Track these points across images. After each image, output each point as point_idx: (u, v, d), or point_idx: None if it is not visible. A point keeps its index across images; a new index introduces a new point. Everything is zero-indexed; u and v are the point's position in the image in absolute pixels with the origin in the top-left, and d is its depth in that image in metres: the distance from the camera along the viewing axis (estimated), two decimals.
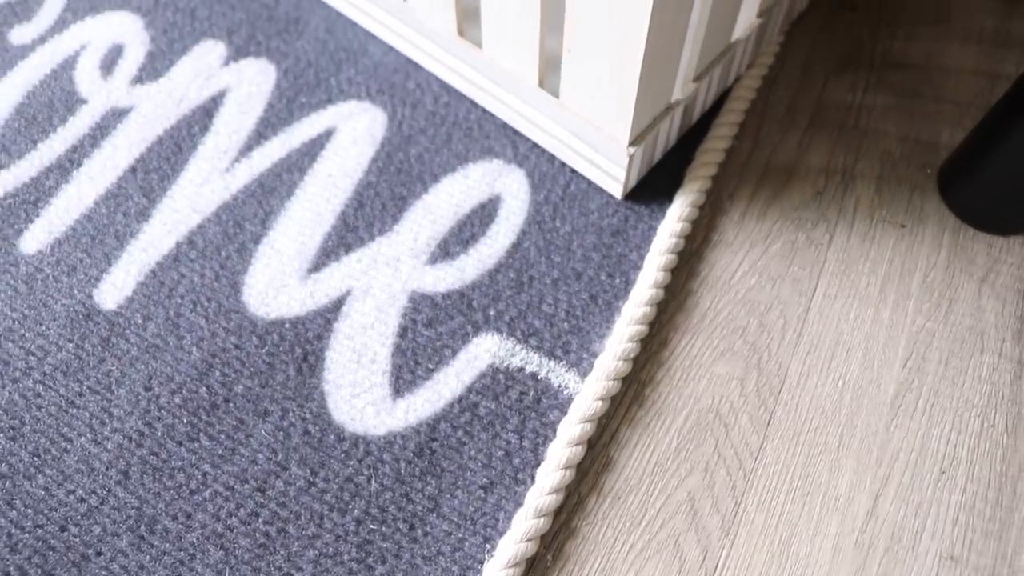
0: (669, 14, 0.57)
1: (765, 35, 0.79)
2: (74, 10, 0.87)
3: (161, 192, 0.74)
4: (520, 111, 0.73)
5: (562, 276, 0.69)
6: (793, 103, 0.81)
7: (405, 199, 0.73)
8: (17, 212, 0.73)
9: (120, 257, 0.71)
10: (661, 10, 0.55)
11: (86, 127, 0.78)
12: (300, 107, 0.78)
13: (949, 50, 0.86)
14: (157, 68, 0.82)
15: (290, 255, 0.70)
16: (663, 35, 0.58)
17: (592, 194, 0.73)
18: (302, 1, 0.86)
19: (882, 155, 0.78)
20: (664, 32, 0.58)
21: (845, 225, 0.74)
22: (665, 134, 0.71)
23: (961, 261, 0.72)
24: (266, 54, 0.82)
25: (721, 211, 0.74)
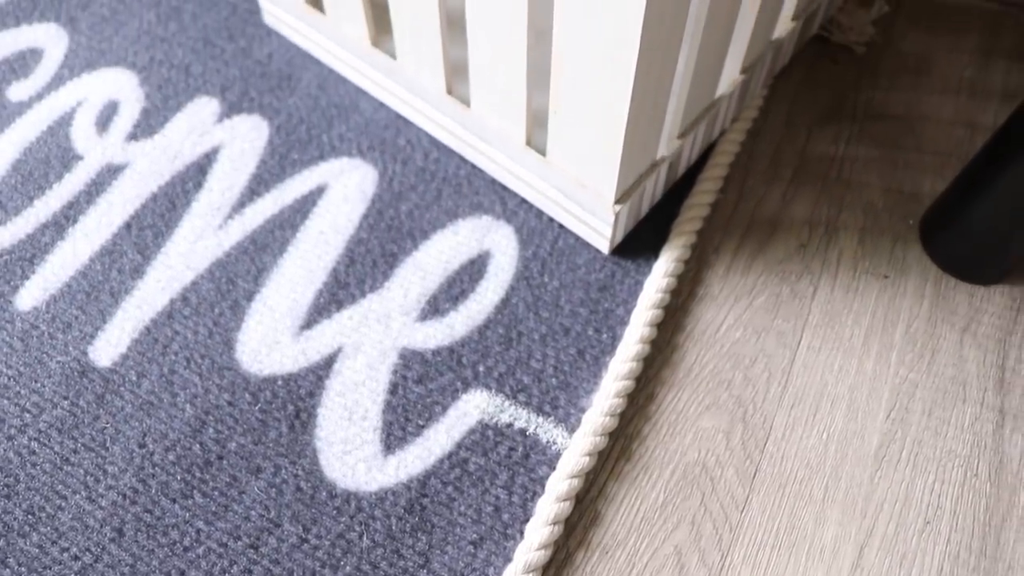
0: (653, 75, 0.58)
1: (749, 90, 0.80)
2: (71, 67, 0.88)
3: (155, 248, 0.75)
4: (508, 168, 0.74)
5: (550, 332, 0.70)
6: (777, 155, 0.82)
7: (395, 256, 0.74)
8: (13, 269, 0.74)
9: (115, 314, 0.72)
10: (645, 72, 0.57)
11: (82, 183, 0.79)
12: (292, 164, 0.80)
13: (929, 101, 0.88)
14: (152, 124, 0.83)
15: (282, 312, 0.71)
16: (647, 95, 0.60)
17: (580, 249, 0.74)
18: (294, 58, 0.88)
19: (865, 206, 0.79)
20: (648, 93, 0.60)
21: (829, 277, 0.75)
22: (651, 190, 0.72)
23: (943, 311, 0.74)
24: (259, 110, 0.84)
25: (707, 264, 0.75)
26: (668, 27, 0.56)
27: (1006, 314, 0.74)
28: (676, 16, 0.56)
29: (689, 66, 0.66)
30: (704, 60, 0.67)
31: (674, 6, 0.54)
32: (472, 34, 0.65)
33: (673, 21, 0.56)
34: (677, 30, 0.58)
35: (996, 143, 0.68)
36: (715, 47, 0.67)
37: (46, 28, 0.92)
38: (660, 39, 0.56)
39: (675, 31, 0.58)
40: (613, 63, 0.56)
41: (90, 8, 0.93)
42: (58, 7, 0.94)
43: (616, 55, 0.55)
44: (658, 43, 0.56)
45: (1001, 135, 0.67)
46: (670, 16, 0.55)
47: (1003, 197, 0.68)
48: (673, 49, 0.60)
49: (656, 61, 0.57)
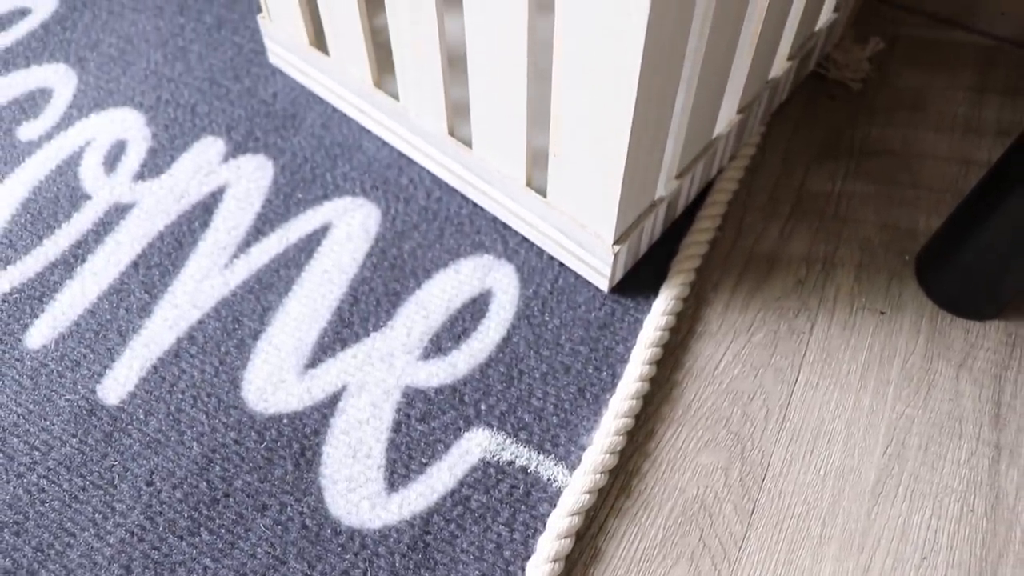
0: (651, 117, 0.60)
1: (746, 128, 0.82)
2: (79, 107, 0.90)
3: (162, 288, 0.76)
4: (509, 207, 0.75)
5: (551, 370, 0.71)
6: (775, 192, 0.84)
7: (399, 294, 0.75)
8: (23, 307, 0.76)
9: (123, 352, 0.73)
10: (643, 114, 0.58)
11: (90, 223, 0.81)
12: (297, 203, 0.81)
13: (925, 137, 0.89)
14: (159, 164, 0.84)
15: (288, 351, 0.72)
16: (645, 137, 0.61)
17: (580, 288, 0.75)
18: (298, 97, 0.89)
19: (861, 242, 0.81)
20: (646, 134, 0.61)
21: (826, 313, 0.76)
22: (650, 229, 0.74)
23: (939, 347, 0.75)
24: (264, 150, 0.85)
25: (705, 302, 0.76)
26: (665, 69, 0.57)
27: (1001, 349, 0.75)
28: (673, 58, 0.57)
29: (687, 107, 0.67)
30: (701, 101, 0.68)
31: (671, 49, 0.56)
32: (473, 76, 0.67)
33: (670, 63, 0.57)
34: (674, 72, 0.59)
35: (990, 181, 0.69)
36: (712, 88, 0.68)
37: (55, 68, 0.94)
38: (658, 81, 0.57)
39: (672, 73, 0.59)
40: (611, 106, 0.57)
41: (99, 48, 0.95)
42: (67, 48, 0.95)
43: (614, 98, 0.56)
44: (656, 85, 0.57)
45: (995, 173, 0.68)
46: (667, 58, 0.56)
47: (997, 234, 0.69)
48: (671, 91, 0.61)
49: (654, 103, 0.59)
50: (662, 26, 0.52)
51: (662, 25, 0.51)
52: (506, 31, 0.59)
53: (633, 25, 0.50)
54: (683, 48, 0.58)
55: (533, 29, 0.59)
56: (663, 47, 0.54)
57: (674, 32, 0.54)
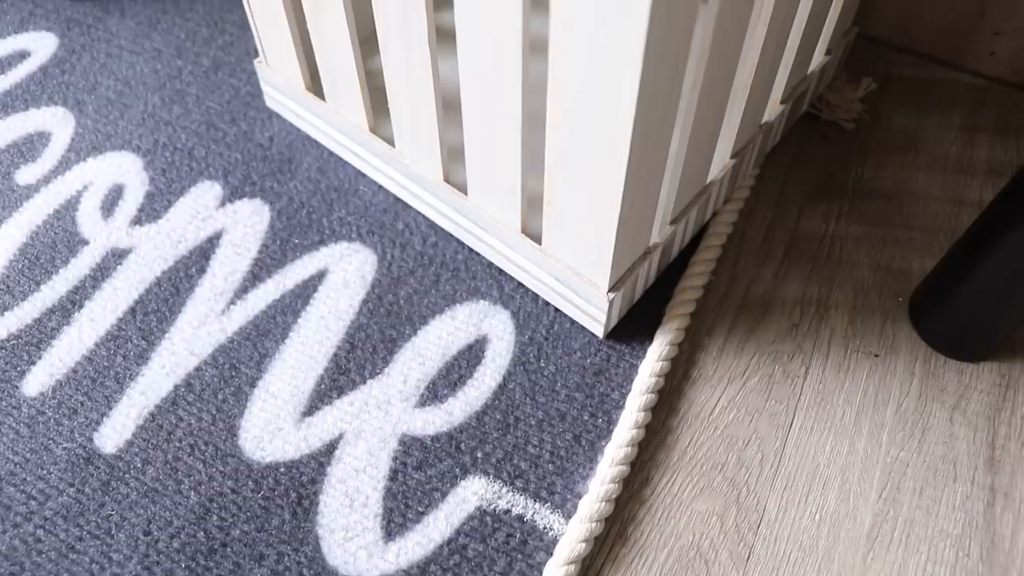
0: (645, 165, 0.60)
1: (740, 172, 0.82)
2: (77, 150, 0.90)
3: (160, 334, 0.77)
4: (504, 253, 0.76)
5: (547, 417, 0.71)
6: (769, 234, 0.84)
7: (395, 341, 0.75)
8: (20, 354, 0.76)
9: (120, 400, 0.73)
10: (637, 161, 0.58)
11: (87, 268, 0.81)
12: (293, 248, 0.81)
13: (917, 177, 0.90)
14: (156, 209, 0.85)
15: (284, 398, 0.72)
16: (639, 185, 0.62)
17: (575, 333, 0.75)
18: (295, 141, 0.90)
19: (855, 285, 0.81)
20: (640, 182, 0.61)
21: (820, 357, 0.76)
22: (644, 275, 0.74)
23: (933, 389, 0.75)
24: (260, 195, 0.86)
25: (700, 346, 0.77)
26: (660, 115, 0.58)
27: (995, 391, 0.75)
28: (668, 104, 0.58)
29: (680, 154, 0.68)
30: (695, 147, 0.68)
31: (666, 95, 0.56)
32: (467, 120, 0.67)
33: (665, 109, 0.58)
34: (669, 118, 0.60)
35: (981, 225, 0.69)
36: (706, 134, 0.69)
37: (54, 111, 0.94)
38: (652, 127, 0.57)
39: (667, 119, 0.59)
40: (606, 152, 0.57)
41: (97, 91, 0.96)
42: (65, 91, 0.96)
43: (608, 144, 0.57)
44: (650, 131, 0.57)
45: (986, 217, 0.69)
46: (662, 104, 0.57)
47: (990, 277, 0.69)
48: (665, 137, 0.61)
49: (648, 149, 0.59)
50: (657, 72, 0.52)
51: (657, 71, 0.52)
52: (500, 74, 0.60)
53: (628, 70, 0.50)
54: (678, 94, 0.58)
55: (527, 72, 0.59)
56: (658, 93, 0.54)
57: (669, 78, 0.55)
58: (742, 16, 0.61)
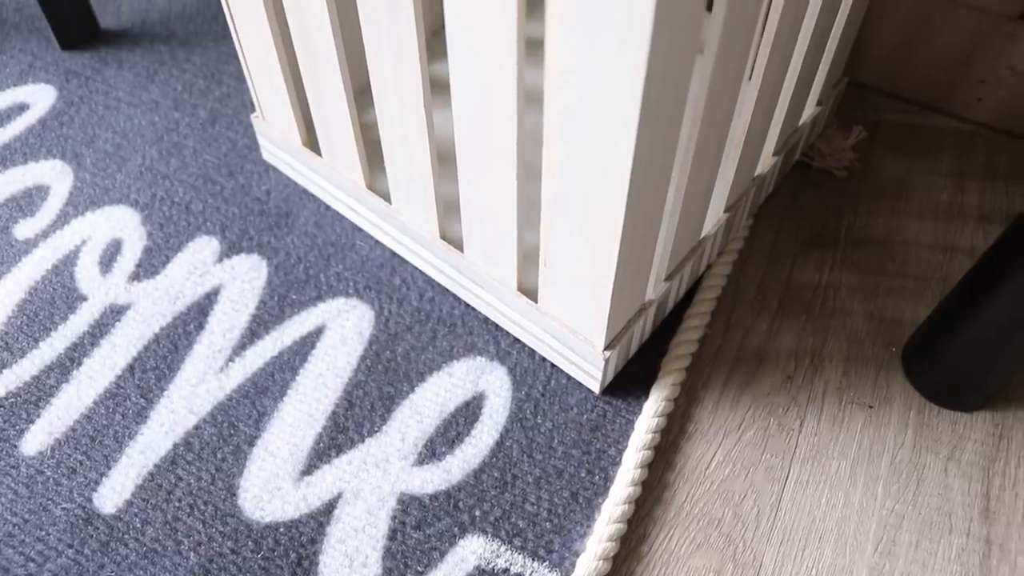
0: (640, 226, 0.61)
1: (734, 224, 0.83)
2: (75, 204, 0.91)
3: (158, 392, 0.77)
4: (501, 310, 0.77)
5: (544, 474, 0.72)
6: (763, 285, 0.85)
7: (393, 398, 0.76)
8: (19, 412, 0.76)
9: (119, 459, 0.73)
10: (633, 223, 0.59)
11: (86, 325, 0.82)
12: (291, 304, 0.82)
13: (908, 225, 0.91)
14: (154, 265, 0.85)
15: (283, 457, 0.73)
16: (635, 246, 0.62)
17: (571, 389, 0.76)
18: (291, 195, 0.91)
19: (849, 335, 0.82)
20: (636, 243, 0.62)
21: (815, 409, 0.77)
22: (640, 331, 0.75)
23: (927, 440, 0.75)
24: (258, 250, 0.86)
25: (696, 400, 0.77)
26: (656, 174, 0.58)
27: (989, 440, 0.75)
28: (663, 163, 0.58)
29: (676, 211, 0.68)
30: (690, 203, 0.69)
31: (662, 152, 0.57)
32: (463, 177, 0.68)
33: (661, 166, 0.58)
34: (664, 176, 0.60)
35: (974, 275, 0.70)
36: (701, 190, 0.70)
37: (52, 165, 0.95)
38: (648, 187, 0.58)
39: (662, 178, 0.60)
40: (602, 215, 0.58)
41: (95, 144, 0.96)
42: (64, 144, 0.97)
43: (604, 206, 0.57)
44: (646, 191, 0.58)
45: (979, 268, 0.70)
46: (658, 163, 0.57)
47: (982, 328, 0.70)
48: (661, 196, 0.62)
49: (644, 209, 0.60)
50: (654, 126, 0.52)
51: (654, 125, 0.52)
52: (494, 126, 0.60)
53: (625, 125, 0.51)
54: (673, 150, 0.59)
55: (522, 124, 0.59)
56: (654, 148, 0.55)
57: (665, 133, 0.55)
58: (737, 68, 0.62)
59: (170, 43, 1.09)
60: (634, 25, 0.45)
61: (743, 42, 0.60)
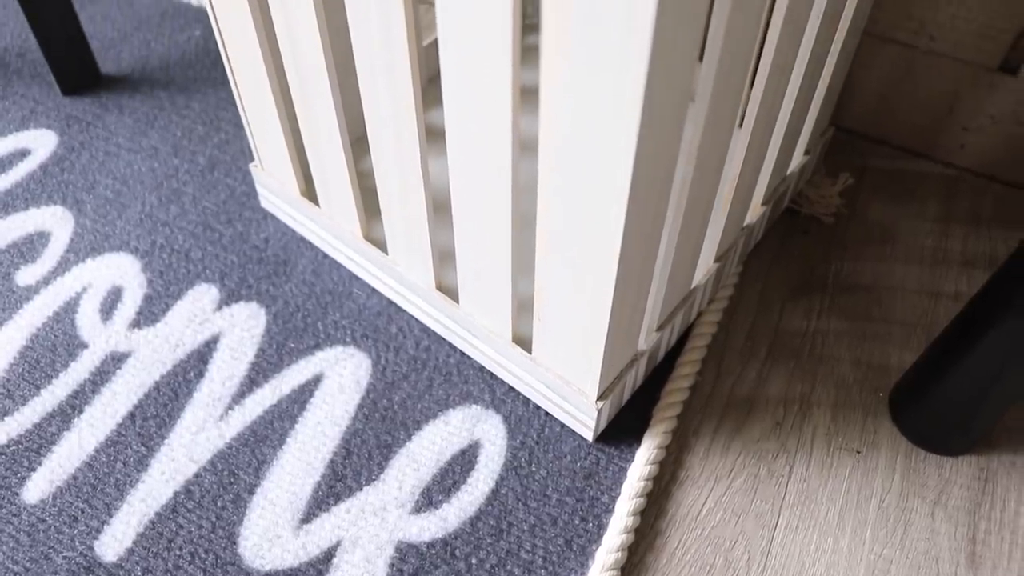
0: (632, 279, 0.62)
1: (723, 273, 0.85)
2: (76, 251, 0.92)
3: (159, 440, 0.78)
4: (496, 360, 0.78)
5: (539, 522, 0.73)
6: (753, 332, 0.87)
7: (390, 447, 0.77)
8: (20, 460, 0.77)
9: (120, 507, 0.74)
10: (624, 282, 0.60)
11: (87, 372, 0.83)
12: (289, 353, 0.83)
13: (894, 270, 0.92)
14: (154, 312, 0.87)
15: (283, 506, 0.74)
16: (627, 300, 0.64)
17: (565, 437, 0.77)
18: (289, 242, 0.92)
19: (837, 381, 0.83)
20: (628, 296, 0.64)
21: (804, 455, 0.78)
22: (632, 380, 0.76)
23: (914, 484, 0.77)
24: (256, 298, 0.88)
25: (687, 447, 0.79)
26: (648, 229, 0.59)
27: (974, 484, 0.77)
28: (656, 213, 0.59)
29: (667, 263, 0.70)
30: (681, 255, 0.71)
31: (654, 204, 0.58)
32: (458, 226, 0.69)
33: (653, 221, 0.60)
34: (656, 230, 0.62)
35: (959, 323, 0.72)
36: (691, 241, 0.71)
37: (53, 211, 0.96)
38: (640, 242, 0.59)
39: (654, 232, 0.61)
40: (594, 269, 0.59)
41: (95, 190, 0.98)
42: (65, 189, 0.98)
43: (597, 263, 0.59)
44: (637, 247, 0.59)
45: (964, 316, 0.71)
46: (650, 216, 0.58)
47: (967, 374, 0.71)
48: (652, 248, 0.63)
49: (636, 265, 0.61)
50: (645, 178, 0.53)
51: (645, 177, 0.53)
52: (489, 173, 0.61)
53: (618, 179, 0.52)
54: (666, 201, 0.60)
55: (517, 172, 0.60)
56: (646, 200, 0.56)
57: (657, 185, 0.56)
58: (727, 117, 0.63)
59: (169, 89, 1.11)
60: (628, 73, 0.46)
61: (733, 91, 0.61)
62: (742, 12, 0.53)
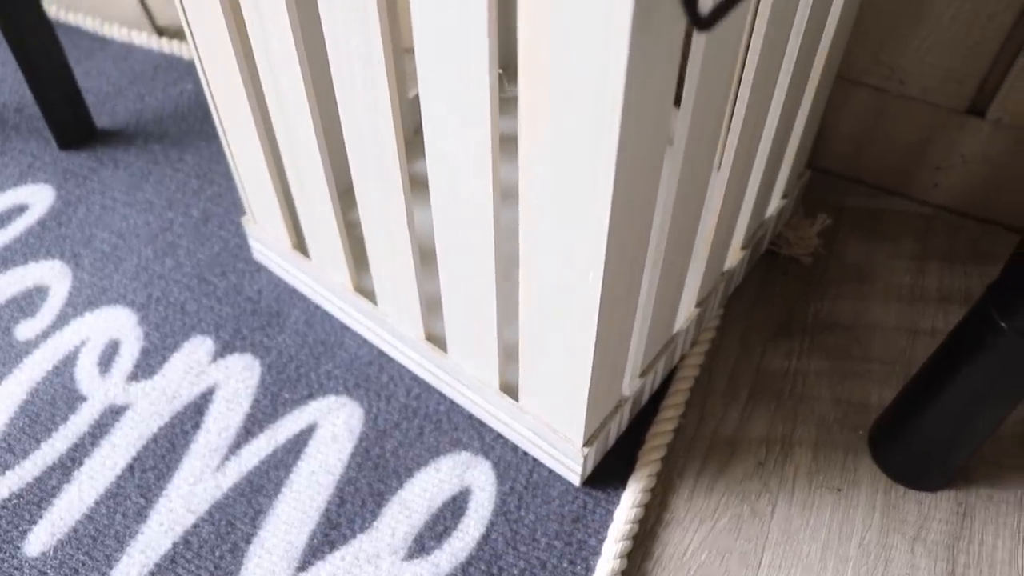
0: (614, 329, 0.64)
1: (705, 316, 0.87)
2: (74, 304, 0.95)
3: (158, 491, 0.80)
4: (484, 407, 0.80)
5: (528, 566, 0.75)
6: (735, 373, 0.89)
7: (383, 494, 0.79)
8: (21, 514, 0.79)
9: (120, 559, 0.76)
10: (606, 332, 0.62)
11: (86, 425, 0.85)
12: (284, 403, 0.86)
13: (873, 309, 0.95)
14: (151, 365, 0.89)
15: (279, 554, 0.76)
16: (609, 350, 0.66)
17: (553, 481, 0.80)
18: (282, 294, 0.95)
19: (817, 420, 0.86)
20: (610, 346, 0.66)
21: (786, 494, 0.81)
22: (616, 425, 0.78)
23: (894, 521, 0.79)
24: (251, 349, 0.90)
25: (672, 489, 0.81)
26: (628, 277, 0.61)
27: (953, 519, 0.79)
28: (635, 260, 0.61)
29: (647, 311, 0.72)
30: (662, 303, 0.73)
31: (632, 251, 0.59)
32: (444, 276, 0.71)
33: (633, 269, 0.61)
34: (636, 278, 0.64)
35: (935, 361, 0.74)
36: (671, 288, 0.74)
37: (51, 265, 0.99)
38: (620, 291, 0.61)
39: (634, 280, 0.63)
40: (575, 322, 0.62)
41: (92, 244, 1.00)
42: (63, 243, 1.01)
43: (578, 315, 0.61)
44: (618, 296, 0.61)
45: (940, 354, 0.73)
46: (629, 261, 0.60)
47: (944, 411, 0.74)
48: (633, 298, 0.65)
49: (617, 314, 0.63)
50: (624, 222, 0.54)
51: (624, 221, 0.54)
52: (472, 223, 0.63)
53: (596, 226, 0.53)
54: (645, 246, 0.62)
55: (499, 222, 0.62)
56: (624, 251, 0.58)
57: (636, 235, 0.58)
58: (705, 160, 0.65)
59: (163, 142, 1.13)
60: (603, 121, 0.46)
61: (710, 136, 0.63)
62: (716, 58, 0.55)
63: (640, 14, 0.41)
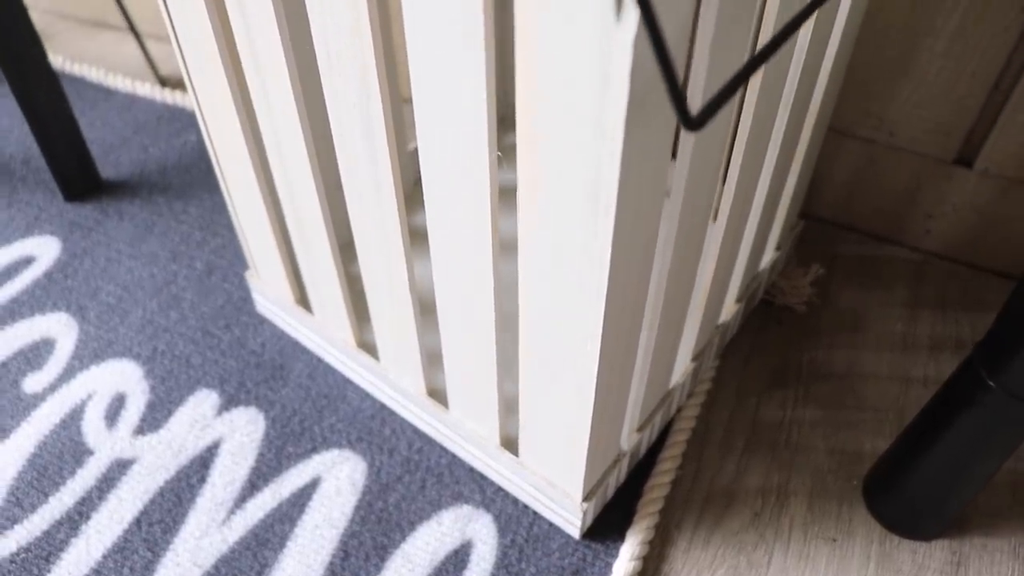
0: (611, 391, 0.66)
1: (700, 369, 0.89)
2: (80, 357, 0.96)
3: (164, 545, 0.81)
4: (485, 461, 0.82)
5: None
6: (731, 425, 0.91)
7: (386, 548, 0.80)
8: (30, 568, 0.80)
9: None
10: (603, 392, 0.64)
11: (93, 479, 0.86)
12: (288, 457, 0.87)
13: (866, 357, 0.97)
14: (157, 418, 0.91)
15: None
16: (607, 409, 0.67)
17: (553, 534, 0.81)
18: (285, 347, 0.96)
19: (812, 470, 0.87)
20: (607, 407, 0.67)
21: (782, 545, 0.82)
22: (615, 479, 0.80)
23: (889, 571, 0.80)
24: (255, 402, 0.91)
25: (670, 541, 0.82)
26: (626, 333, 0.62)
27: (947, 569, 0.80)
28: (633, 316, 0.62)
29: (645, 368, 0.74)
30: (659, 358, 0.75)
31: (632, 312, 0.61)
32: (444, 330, 0.73)
33: (631, 322, 0.62)
34: (634, 334, 0.65)
35: (928, 411, 0.75)
36: (668, 344, 0.75)
37: (58, 318, 1.00)
38: (618, 349, 0.62)
39: (632, 336, 0.65)
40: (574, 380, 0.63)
41: (98, 296, 1.02)
42: (69, 296, 1.02)
43: (577, 373, 0.62)
44: (616, 354, 0.62)
45: (933, 405, 0.75)
46: (627, 325, 0.61)
47: (937, 461, 0.75)
48: (631, 356, 0.67)
49: (615, 372, 0.64)
50: (623, 278, 0.55)
51: (623, 277, 0.55)
52: (472, 277, 0.64)
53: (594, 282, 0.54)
54: (642, 307, 0.63)
55: (499, 276, 0.63)
56: (623, 316, 0.59)
57: (633, 291, 0.59)
58: (701, 212, 0.66)
59: (167, 194, 1.15)
60: (602, 174, 0.47)
61: (707, 188, 0.64)
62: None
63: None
